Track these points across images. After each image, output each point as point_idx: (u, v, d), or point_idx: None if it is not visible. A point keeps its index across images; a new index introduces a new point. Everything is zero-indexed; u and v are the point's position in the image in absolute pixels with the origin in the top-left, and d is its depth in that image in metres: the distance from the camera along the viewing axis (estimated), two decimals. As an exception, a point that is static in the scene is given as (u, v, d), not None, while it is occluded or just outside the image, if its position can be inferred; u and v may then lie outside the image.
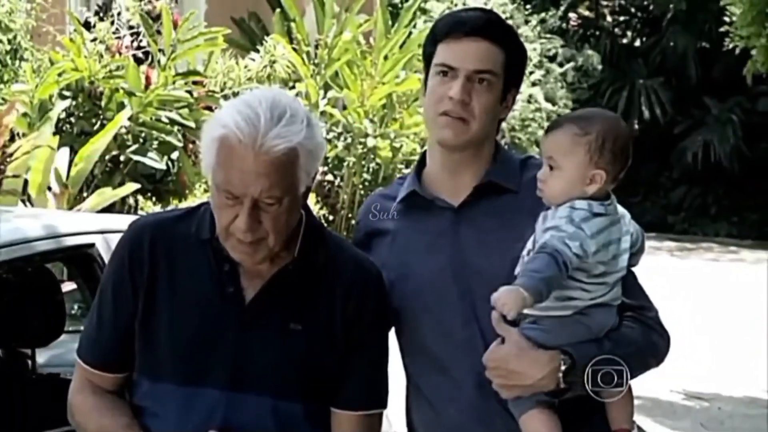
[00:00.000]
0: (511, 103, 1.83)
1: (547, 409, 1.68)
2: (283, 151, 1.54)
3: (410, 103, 9.57)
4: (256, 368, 1.62)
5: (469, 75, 1.74)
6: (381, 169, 9.59)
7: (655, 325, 1.78)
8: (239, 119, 1.54)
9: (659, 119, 17.44)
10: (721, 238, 16.71)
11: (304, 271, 1.65)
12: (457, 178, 1.81)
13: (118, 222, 2.69)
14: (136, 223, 1.74)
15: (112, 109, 7.12)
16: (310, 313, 1.64)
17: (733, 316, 9.50)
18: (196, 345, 1.63)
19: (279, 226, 1.58)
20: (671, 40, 18.19)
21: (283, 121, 1.55)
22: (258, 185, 1.54)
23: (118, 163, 7.20)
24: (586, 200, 1.69)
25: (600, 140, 1.69)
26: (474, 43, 1.74)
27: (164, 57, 7.54)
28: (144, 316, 1.66)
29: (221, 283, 1.64)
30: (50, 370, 2.89)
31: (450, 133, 1.76)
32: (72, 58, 7.18)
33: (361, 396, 1.69)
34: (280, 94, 1.62)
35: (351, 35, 9.17)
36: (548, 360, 1.64)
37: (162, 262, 1.66)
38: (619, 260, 1.71)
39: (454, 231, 1.78)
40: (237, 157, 1.53)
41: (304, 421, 1.65)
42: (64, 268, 3.21)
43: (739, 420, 6.27)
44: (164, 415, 1.65)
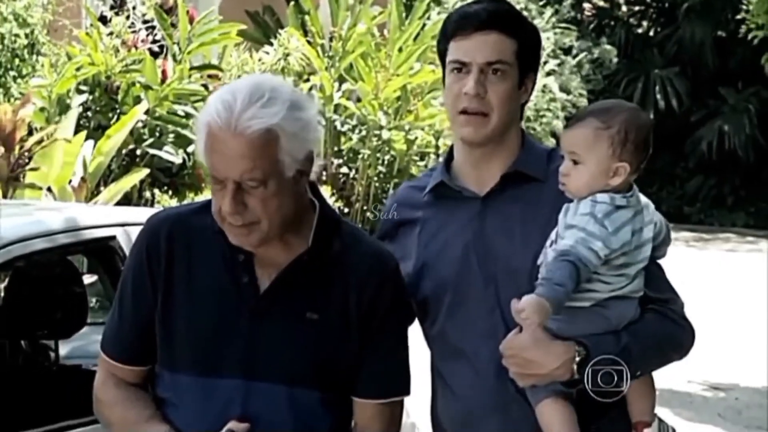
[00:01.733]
0: (530, 87, 1.84)
1: (563, 399, 1.69)
2: (258, 131, 1.55)
3: (425, 95, 9.57)
4: (271, 357, 1.63)
5: (482, 67, 1.75)
6: (396, 161, 9.59)
7: (678, 318, 1.77)
8: (219, 105, 1.57)
9: (675, 109, 17.32)
10: (738, 228, 16.59)
11: (318, 260, 1.66)
12: (483, 169, 1.82)
13: (138, 214, 2.72)
14: (153, 218, 1.76)
15: (129, 104, 7.16)
16: (326, 303, 1.66)
17: (751, 307, 9.44)
18: (212, 336, 1.65)
19: (270, 210, 1.58)
20: (687, 30, 18.05)
21: (259, 102, 1.56)
22: (237, 167, 1.55)
23: (134, 156, 7.25)
24: (607, 193, 1.69)
25: (623, 133, 1.69)
26: (483, 36, 1.75)
27: (179, 50, 7.57)
28: (163, 308, 1.68)
29: (236, 274, 1.66)
30: (73, 362, 2.93)
31: (470, 130, 1.78)
32: (89, 53, 7.23)
33: (379, 384, 1.71)
34: (266, 79, 1.65)
35: (365, 27, 9.17)
36: (563, 351, 1.66)
37: (179, 255, 1.69)
38: (641, 251, 1.71)
39: (480, 220, 1.79)
40: (217, 141, 1.56)
41: (320, 409, 1.66)
42: (85, 260, 3.24)
43: (756, 410, 6.25)
44: (184, 406, 1.67)
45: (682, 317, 1.78)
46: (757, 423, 5.95)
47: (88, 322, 2.70)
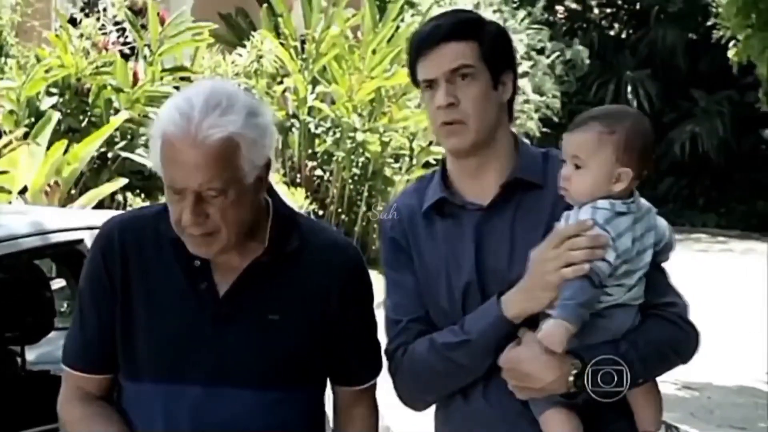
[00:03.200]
0: (511, 85, 1.80)
1: (566, 409, 1.66)
2: (218, 141, 1.51)
3: (399, 97, 9.58)
4: (235, 362, 1.61)
5: (447, 77, 1.73)
6: (370, 163, 9.58)
7: (679, 321, 1.73)
8: (174, 114, 1.53)
9: (647, 111, 17.49)
10: (709, 229, 16.79)
11: (276, 260, 1.64)
12: (482, 179, 1.79)
13: (106, 218, 2.68)
14: (107, 223, 1.72)
15: (100, 106, 7.09)
16: (287, 302, 1.63)
17: (722, 306, 9.55)
18: (173, 343, 1.62)
19: (230, 219, 1.56)
20: (659, 33, 18.25)
21: (217, 110, 1.52)
22: (197, 178, 1.52)
23: (106, 159, 7.18)
24: (607, 200, 1.67)
25: (627, 138, 1.66)
26: (441, 49, 1.74)
27: (150, 52, 7.51)
28: (122, 318, 1.65)
29: (194, 279, 1.63)
30: (40, 367, 2.88)
31: (454, 140, 1.76)
32: (58, 55, 7.15)
33: (358, 372, 1.74)
34: (220, 85, 1.62)
35: (338, 30, 9.16)
36: (559, 365, 1.63)
37: (134, 259, 1.65)
38: (641, 258, 1.68)
39: (482, 232, 1.76)
40: (175, 152, 1.53)
41: (289, 408, 1.64)
42: (53, 265, 3.20)
43: (729, 409, 6.31)
44: (149, 416, 1.64)
45: (685, 321, 1.74)
46: (729, 422, 6.00)
47: (55, 327, 2.66)
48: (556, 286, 1.62)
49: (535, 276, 1.65)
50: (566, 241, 1.62)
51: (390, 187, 9.75)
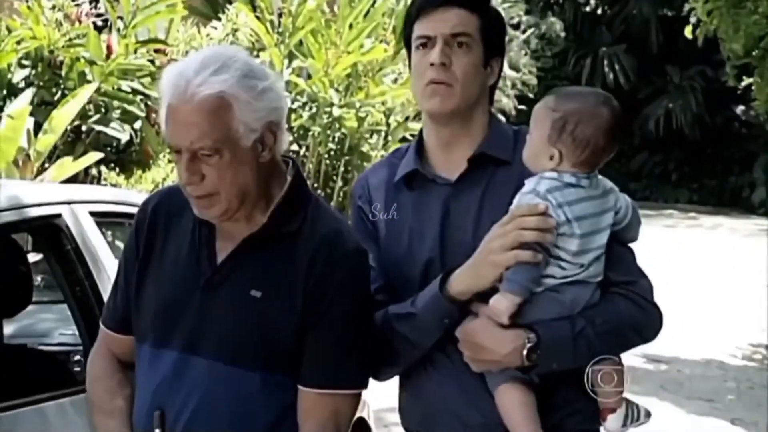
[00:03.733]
0: (497, 70, 1.83)
1: (521, 384, 1.67)
2: (207, 97, 1.54)
3: (375, 72, 9.55)
4: (211, 332, 1.61)
5: (446, 39, 1.75)
6: (346, 138, 9.57)
7: (641, 300, 1.74)
8: (173, 72, 1.58)
9: (623, 87, 17.59)
10: (681, 205, 16.99)
11: (271, 237, 1.63)
12: (452, 152, 1.80)
13: (84, 192, 2.68)
14: (150, 195, 1.80)
15: (73, 79, 7.01)
16: (272, 282, 1.62)
17: (688, 280, 9.69)
18: (169, 307, 1.65)
19: (226, 180, 1.57)
20: (634, 8, 18.30)
21: (209, 69, 1.55)
22: (188, 135, 1.55)
23: (80, 133, 7.11)
24: (556, 171, 1.68)
25: (562, 121, 1.67)
26: (447, 12, 1.77)
27: (124, 25, 7.43)
28: (137, 280, 1.71)
29: (199, 247, 1.66)
30: (18, 341, 2.89)
31: (437, 100, 1.77)
32: (30, 27, 7.05)
33: (320, 374, 1.62)
34: (223, 49, 1.64)
35: (315, 3, 9.09)
36: (513, 337, 1.64)
37: (160, 230, 1.71)
38: (597, 237, 1.68)
39: (448, 206, 1.78)
40: (171, 110, 1.57)
41: (261, 390, 1.60)
42: (29, 238, 3.19)
43: (697, 381, 6.44)
44: (140, 379, 1.69)
45: (647, 300, 1.75)
46: (698, 394, 6.13)
47: (32, 301, 2.66)
48: (501, 265, 1.63)
49: (482, 254, 1.67)
50: (514, 221, 1.64)
51: (366, 163, 9.74)
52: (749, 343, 7.61)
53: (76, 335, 2.59)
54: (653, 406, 1.82)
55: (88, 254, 2.39)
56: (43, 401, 2.24)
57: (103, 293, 2.37)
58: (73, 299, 2.41)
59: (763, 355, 7.36)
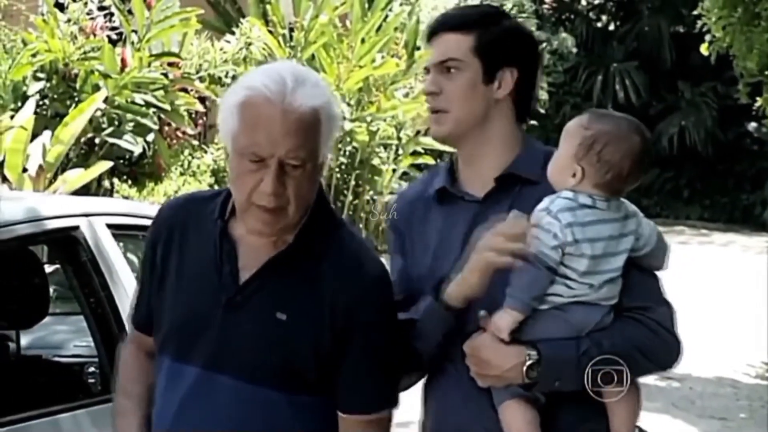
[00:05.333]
0: (510, 80, 1.81)
1: (525, 402, 1.67)
2: (309, 110, 1.58)
3: (387, 86, 9.58)
4: (235, 351, 1.61)
5: (437, 68, 1.80)
6: (358, 152, 9.60)
7: (655, 326, 1.70)
8: (267, 81, 1.58)
9: (634, 103, 17.57)
10: (692, 221, 16.92)
11: (298, 258, 1.63)
12: (477, 169, 1.82)
13: (102, 205, 2.70)
14: (165, 203, 1.82)
15: (88, 92, 7.06)
16: (298, 304, 1.61)
17: (701, 298, 9.64)
18: (188, 321, 1.65)
19: (301, 194, 1.59)
20: (646, 25, 18.31)
21: (308, 84, 1.60)
22: (285, 144, 1.56)
23: (93, 145, 7.16)
24: (573, 191, 1.68)
25: (591, 139, 1.68)
26: (438, 40, 1.81)
27: (138, 38, 7.48)
28: (157, 290, 1.72)
29: (221, 263, 1.65)
30: (34, 353, 2.90)
31: (433, 128, 1.83)
32: (45, 40, 7.11)
33: (361, 400, 1.66)
34: (300, 65, 1.69)
35: (327, 18, 9.15)
36: (515, 353, 1.64)
37: (176, 240, 1.71)
38: (611, 259, 1.67)
39: (472, 225, 1.76)
40: (264, 117, 1.56)
41: (288, 410, 1.61)
42: (45, 249, 3.21)
43: (709, 399, 6.39)
44: (159, 389, 1.69)
45: (663, 326, 1.72)
46: (710, 412, 6.09)
47: (50, 313, 2.68)
48: (481, 269, 1.65)
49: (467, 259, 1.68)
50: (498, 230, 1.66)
51: (377, 177, 9.77)
52: (762, 361, 7.56)
53: (92, 347, 2.60)
54: (665, 423, 1.81)
55: (105, 266, 2.40)
56: (58, 413, 2.25)
57: (119, 305, 2.39)
58: (89, 311, 2.43)
59: (775, 374, 7.31)
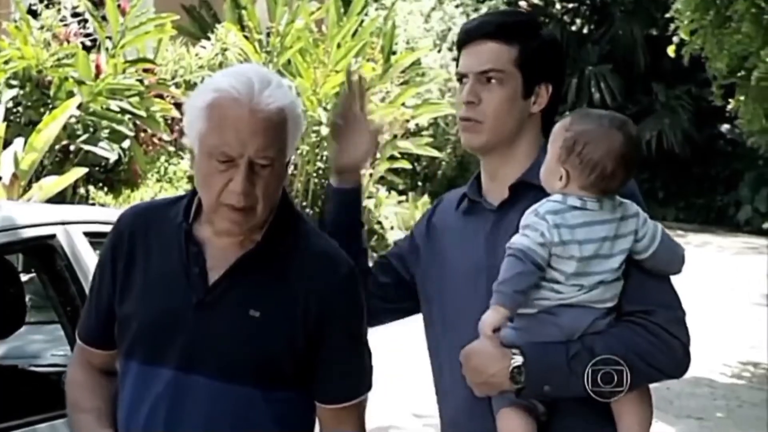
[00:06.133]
0: (546, 96, 1.80)
1: (521, 410, 1.66)
2: (276, 109, 1.60)
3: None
4: (209, 351, 1.62)
5: (477, 77, 1.77)
6: (335, 157, 9.57)
7: (657, 329, 1.66)
8: (233, 82, 1.61)
9: (609, 106, 17.70)
10: (668, 222, 17.06)
11: (267, 256, 1.65)
12: (497, 180, 1.82)
13: (79, 213, 2.68)
14: (125, 210, 1.80)
15: (62, 98, 7.00)
16: (271, 301, 1.63)
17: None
18: (158, 324, 1.65)
19: (269, 193, 1.62)
20: (620, 28, 18.46)
21: (273, 84, 1.63)
22: (254, 143, 1.58)
23: (68, 153, 7.10)
24: (562, 194, 1.67)
25: (572, 140, 1.67)
26: (479, 47, 1.78)
27: (112, 44, 7.43)
28: (120, 295, 1.70)
29: (188, 265, 1.66)
30: (10, 362, 2.87)
31: (466, 137, 1.81)
32: (18, 47, 7.05)
33: (339, 390, 1.69)
34: (263, 68, 1.72)
35: (303, 23, 9.14)
36: (500, 358, 1.64)
37: (140, 246, 1.70)
38: (604, 261, 1.65)
39: (491, 233, 1.78)
40: (233, 117, 1.59)
41: (263, 406, 1.63)
42: (20, 258, 3.17)
43: (686, 399, 6.44)
44: (126, 394, 1.68)
45: (667, 330, 1.67)
46: (687, 412, 6.14)
47: (26, 322, 2.64)
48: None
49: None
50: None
51: (355, 181, 9.75)
52: (738, 360, 7.63)
53: (69, 356, 2.57)
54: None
55: (82, 275, 2.38)
56: (35, 423, 2.23)
57: (97, 314, 2.36)
58: (66, 320, 2.40)
59: (751, 373, 7.38)
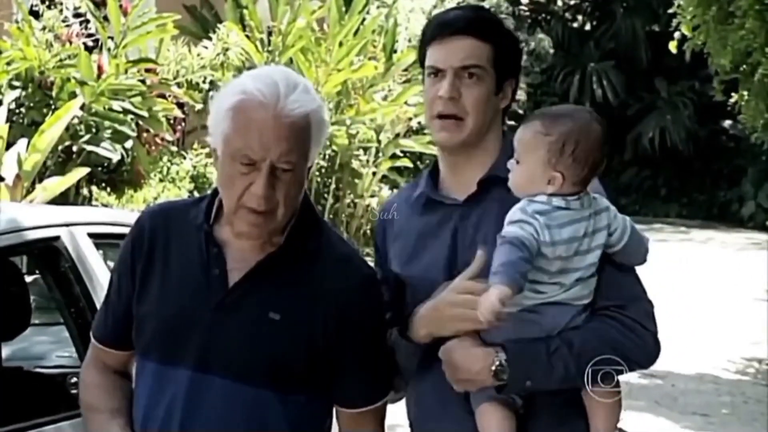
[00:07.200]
0: (511, 94, 1.81)
1: (501, 405, 1.66)
2: (301, 115, 1.60)
3: (365, 89, 9.58)
4: (226, 351, 1.62)
5: (456, 71, 1.74)
6: (337, 155, 9.59)
7: (630, 323, 1.68)
8: (259, 85, 1.60)
9: (612, 102, 17.68)
10: (671, 219, 17.07)
11: (289, 260, 1.65)
12: (462, 175, 1.80)
13: (82, 214, 2.68)
14: (144, 211, 1.80)
15: (64, 99, 7.00)
16: (291, 304, 1.63)
17: (681, 295, 9.71)
18: (176, 324, 1.66)
19: (290, 198, 1.61)
20: (622, 25, 18.44)
21: (299, 88, 1.62)
22: (278, 148, 1.58)
23: (71, 153, 7.10)
24: (545, 195, 1.66)
25: (560, 143, 1.65)
26: (459, 42, 1.75)
27: (114, 45, 7.43)
28: (138, 295, 1.71)
29: (208, 266, 1.66)
30: (15, 364, 2.87)
31: (445, 135, 1.78)
32: (20, 47, 7.05)
33: (361, 394, 1.70)
34: (290, 71, 1.70)
35: (305, 22, 9.14)
36: (483, 356, 1.64)
37: (160, 247, 1.70)
38: (584, 257, 1.65)
39: (458, 228, 1.77)
40: (257, 120, 1.58)
41: (278, 409, 1.63)
42: (24, 260, 3.18)
43: (691, 396, 6.44)
44: (142, 393, 1.68)
45: (640, 323, 1.69)
46: (692, 409, 6.13)
47: (31, 323, 2.65)
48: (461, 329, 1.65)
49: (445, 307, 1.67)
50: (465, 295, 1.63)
51: (357, 180, 9.77)
52: (742, 357, 7.63)
53: (74, 357, 2.58)
54: (648, 421, 1.81)
55: (87, 276, 2.38)
56: (41, 425, 2.23)
57: (102, 315, 2.36)
58: (71, 321, 2.41)
59: (756, 369, 7.38)
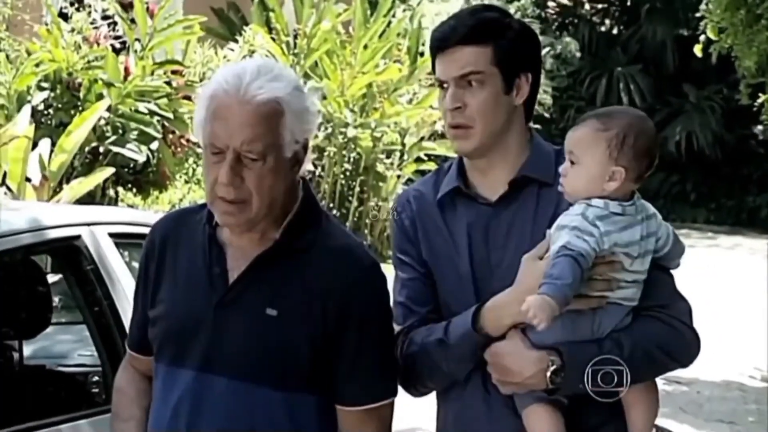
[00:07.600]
0: (527, 87, 1.79)
1: (549, 406, 1.65)
2: (264, 100, 1.57)
3: (390, 92, 9.58)
4: (227, 350, 1.61)
5: (456, 81, 1.75)
6: (362, 158, 9.59)
7: (674, 321, 1.71)
8: (228, 74, 1.61)
9: (638, 107, 17.52)
10: (699, 225, 16.87)
11: (285, 254, 1.63)
12: (491, 175, 1.80)
13: (104, 214, 2.70)
14: (158, 218, 1.82)
15: (91, 101, 7.07)
16: (288, 300, 1.62)
17: (708, 302, 9.59)
18: (184, 326, 1.65)
19: (263, 188, 1.59)
20: (649, 29, 18.29)
21: (267, 76, 1.59)
22: (240, 135, 1.56)
23: (97, 154, 7.17)
24: (602, 199, 1.66)
25: (621, 136, 1.66)
26: (455, 53, 1.76)
27: (141, 47, 7.50)
28: (152, 301, 1.72)
29: (210, 265, 1.66)
30: (36, 362, 2.90)
31: (458, 144, 1.79)
32: (49, 49, 7.13)
33: (363, 391, 1.66)
34: (273, 61, 1.70)
35: (330, 25, 9.16)
36: (537, 360, 1.63)
37: (170, 252, 1.71)
38: (636, 262, 1.66)
39: (489, 228, 1.76)
40: (222, 108, 1.58)
41: (281, 407, 1.62)
42: (48, 259, 3.21)
43: (717, 403, 6.36)
44: (156, 395, 1.69)
45: (682, 322, 1.72)
46: (718, 416, 6.06)
47: (52, 322, 2.67)
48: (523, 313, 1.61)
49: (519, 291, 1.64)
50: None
51: (382, 183, 9.76)
52: (769, 364, 7.52)
53: (95, 356, 2.59)
54: (673, 428, 1.80)
55: (107, 275, 2.39)
56: (61, 423, 2.24)
57: (122, 314, 2.37)
58: (92, 320, 2.42)
59: (783, 377, 7.27)
